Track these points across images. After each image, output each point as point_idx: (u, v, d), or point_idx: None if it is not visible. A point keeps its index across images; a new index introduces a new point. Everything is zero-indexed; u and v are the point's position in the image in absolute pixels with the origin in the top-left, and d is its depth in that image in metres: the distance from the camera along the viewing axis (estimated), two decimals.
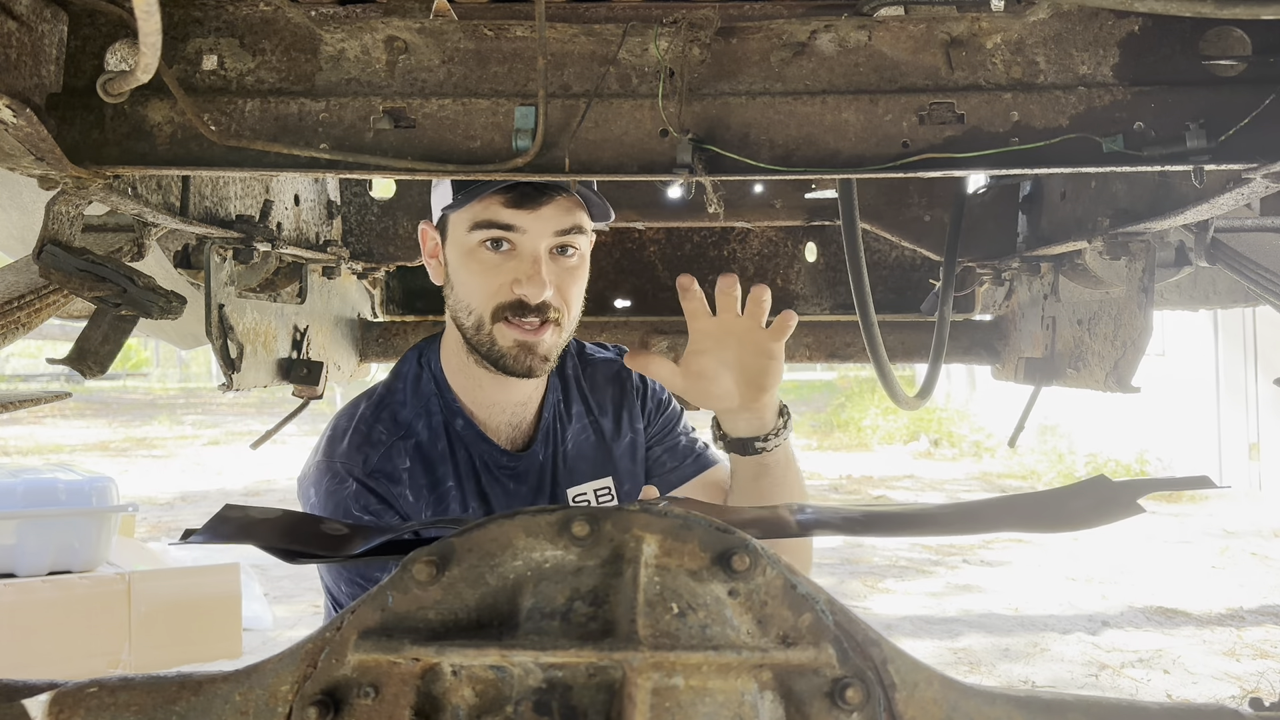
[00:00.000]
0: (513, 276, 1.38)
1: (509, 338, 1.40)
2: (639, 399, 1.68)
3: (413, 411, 1.50)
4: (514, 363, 1.41)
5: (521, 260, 1.38)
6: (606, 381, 1.67)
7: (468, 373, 1.49)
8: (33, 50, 1.00)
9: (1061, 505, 0.88)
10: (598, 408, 1.64)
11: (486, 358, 1.42)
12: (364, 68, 1.10)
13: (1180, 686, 4.31)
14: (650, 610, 0.67)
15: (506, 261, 1.39)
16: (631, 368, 1.40)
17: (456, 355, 1.50)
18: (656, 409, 1.71)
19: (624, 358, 1.45)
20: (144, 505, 7.80)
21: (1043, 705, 0.69)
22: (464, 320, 1.43)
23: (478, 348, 1.43)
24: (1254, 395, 8.90)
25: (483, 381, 1.49)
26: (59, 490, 4.27)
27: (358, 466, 1.42)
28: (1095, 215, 1.59)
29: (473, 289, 1.41)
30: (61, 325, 5.01)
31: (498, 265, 1.39)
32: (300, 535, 0.88)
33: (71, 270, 1.11)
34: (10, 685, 0.71)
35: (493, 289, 1.39)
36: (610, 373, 1.69)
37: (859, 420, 14.77)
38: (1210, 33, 1.06)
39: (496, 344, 1.41)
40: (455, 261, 1.44)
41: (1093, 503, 0.86)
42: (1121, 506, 0.84)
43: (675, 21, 1.04)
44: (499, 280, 1.39)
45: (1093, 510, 0.85)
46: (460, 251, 1.42)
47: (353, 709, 0.66)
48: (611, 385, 1.67)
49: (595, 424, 1.63)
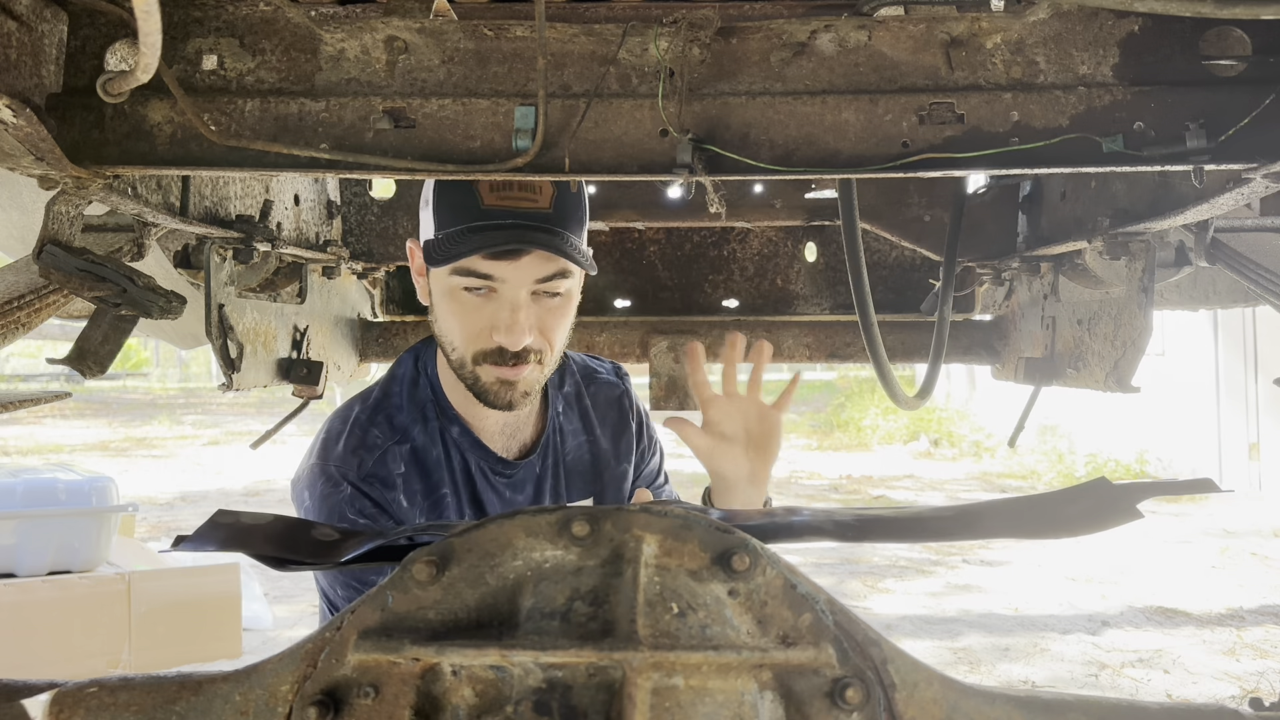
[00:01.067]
0: (491, 323, 1.35)
1: (491, 375, 1.39)
2: (635, 431, 1.70)
3: (409, 416, 1.49)
4: (495, 398, 1.40)
5: (500, 306, 1.35)
6: (608, 405, 1.68)
7: (459, 388, 1.48)
8: (33, 50, 1.00)
9: (1060, 510, 0.86)
10: (599, 429, 1.65)
11: (470, 390, 1.42)
12: (364, 68, 1.10)
13: (1180, 686, 4.31)
14: (650, 610, 0.67)
15: (486, 304, 1.36)
16: (673, 429, 1.52)
17: (447, 366, 1.49)
18: (649, 445, 1.73)
19: (665, 423, 1.53)
20: (144, 505, 7.80)
21: (1043, 705, 0.69)
22: (448, 352, 1.42)
23: (462, 379, 1.42)
24: (1254, 395, 8.90)
25: (472, 398, 1.49)
26: (59, 490, 4.27)
27: (352, 470, 1.41)
28: (1095, 215, 1.59)
29: (453, 330, 1.39)
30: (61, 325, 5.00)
31: (478, 308, 1.36)
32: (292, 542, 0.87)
33: (71, 270, 1.11)
34: (10, 685, 0.71)
35: (473, 333, 1.37)
36: (613, 396, 1.69)
37: (859, 420, 14.77)
38: (1210, 33, 1.06)
39: (480, 380, 1.40)
40: (438, 295, 1.41)
41: (1092, 507, 0.85)
42: (1121, 512, 0.83)
43: (675, 21, 1.04)
44: (479, 325, 1.37)
45: (1092, 515, 0.84)
46: (442, 290, 1.39)
47: (353, 709, 0.66)
48: (613, 410, 1.68)
49: (593, 443, 1.64)
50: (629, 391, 1.72)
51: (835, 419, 15.61)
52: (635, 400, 1.72)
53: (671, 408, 2.11)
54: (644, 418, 1.73)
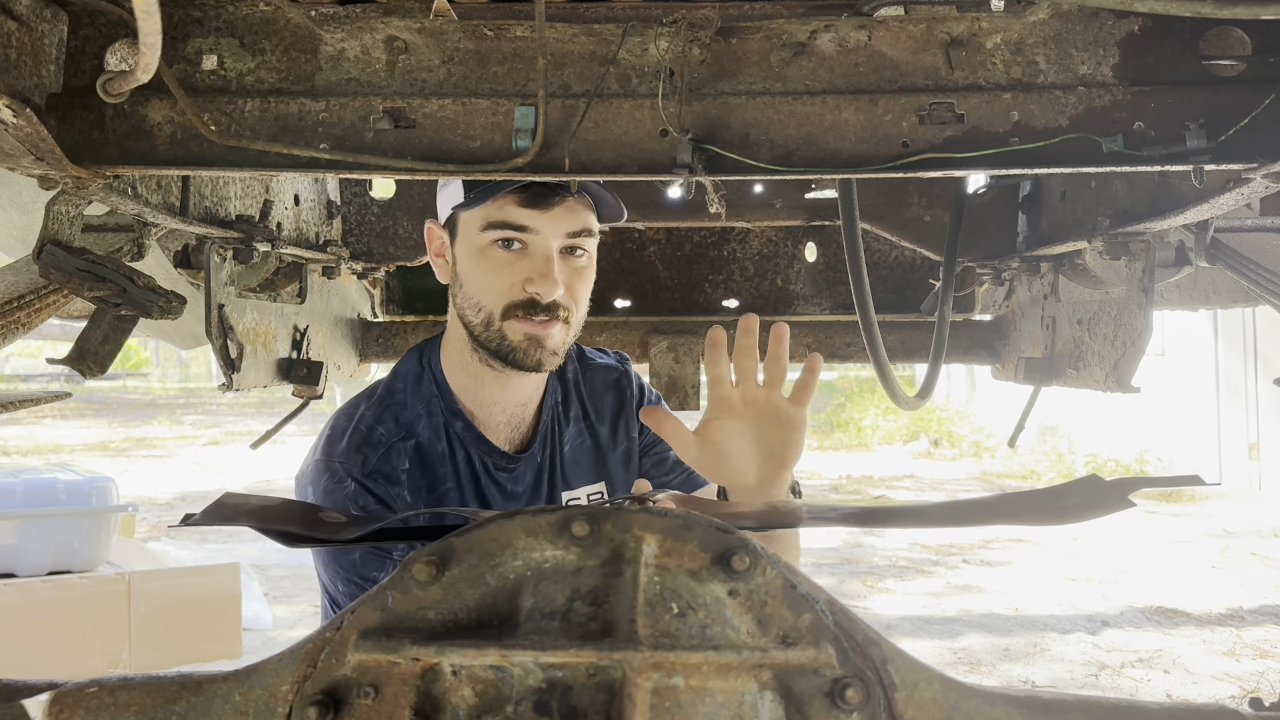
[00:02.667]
0: (524, 275, 1.39)
1: (519, 332, 1.41)
2: (635, 404, 1.69)
3: (414, 412, 1.50)
4: (524, 356, 1.42)
5: (534, 259, 1.39)
6: (605, 388, 1.68)
7: (470, 371, 1.50)
8: (33, 50, 1.00)
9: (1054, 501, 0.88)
10: (595, 414, 1.65)
11: (495, 353, 1.43)
12: (364, 68, 1.11)
13: (1180, 686, 4.31)
14: (650, 610, 0.67)
15: (518, 260, 1.40)
16: (645, 423, 1.34)
17: (459, 354, 1.50)
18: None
19: (640, 414, 1.42)
20: (144, 505, 7.80)
21: (1043, 705, 0.69)
22: (472, 317, 1.43)
23: (486, 344, 1.43)
24: (1254, 395, 8.90)
25: (485, 380, 1.49)
26: (59, 490, 4.27)
27: (356, 467, 1.42)
28: (1095, 215, 1.59)
29: (484, 286, 1.41)
30: (61, 325, 5.01)
31: (510, 264, 1.40)
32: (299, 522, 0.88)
33: (71, 270, 1.11)
34: (10, 685, 0.71)
35: (504, 287, 1.40)
36: (610, 379, 1.69)
37: (859, 420, 14.77)
38: (1210, 33, 1.06)
39: (506, 338, 1.41)
40: (465, 259, 1.44)
41: (1084, 499, 0.87)
42: (1112, 502, 0.85)
43: (675, 21, 1.04)
44: (511, 279, 1.40)
45: (1084, 506, 0.86)
46: (471, 249, 1.42)
47: (353, 709, 0.66)
48: (610, 392, 1.68)
49: (592, 429, 1.64)
50: (628, 373, 1.72)
51: (835, 419, 15.61)
52: (637, 381, 1.72)
53: (672, 407, 2.11)
54: (646, 392, 1.72)
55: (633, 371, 1.73)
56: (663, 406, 1.43)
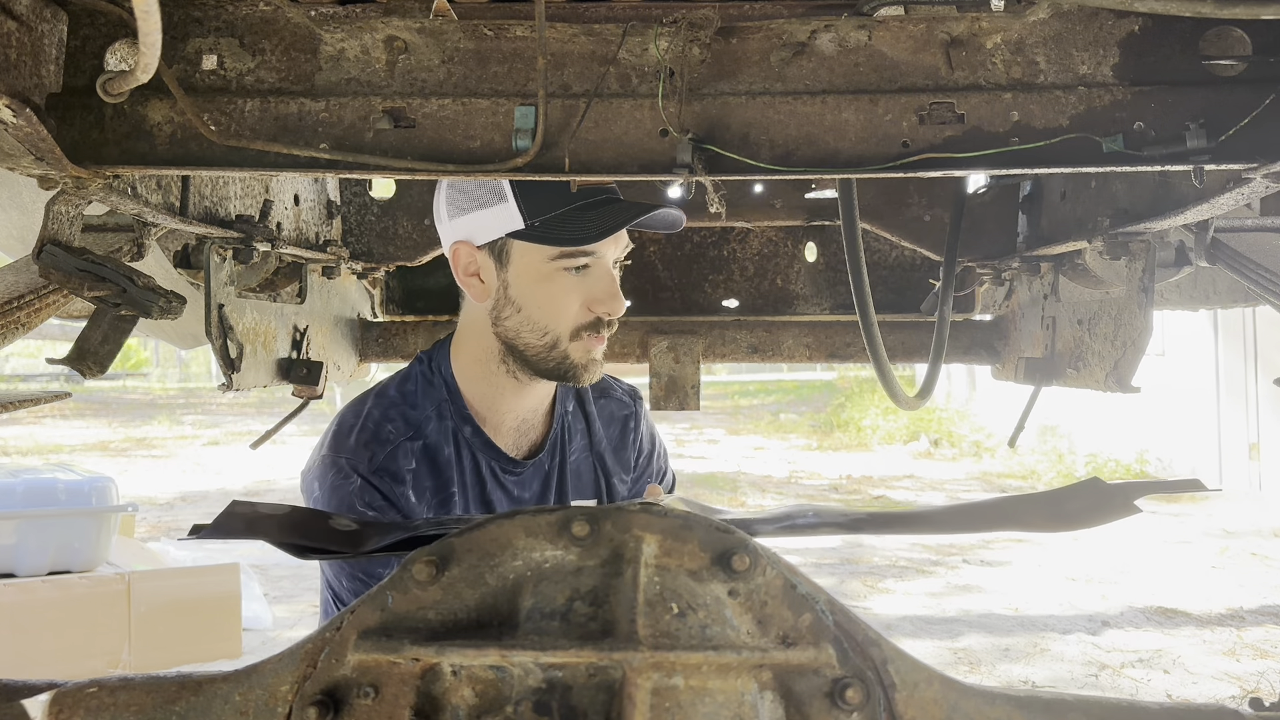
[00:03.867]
0: (589, 295, 1.43)
1: (582, 352, 1.45)
2: (638, 454, 1.73)
3: (423, 413, 1.50)
4: (583, 373, 1.46)
5: (598, 280, 1.43)
6: (612, 421, 1.71)
7: (492, 381, 1.50)
8: (32, 50, 1.00)
9: (1057, 506, 0.89)
10: (600, 438, 1.67)
11: (552, 372, 1.46)
12: (364, 68, 1.10)
13: (1180, 686, 4.31)
14: (650, 610, 0.67)
15: (582, 282, 1.43)
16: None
17: (481, 364, 1.50)
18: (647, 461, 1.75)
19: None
20: (144, 505, 7.80)
21: (1043, 705, 0.69)
22: (534, 340, 1.44)
23: (543, 364, 1.45)
24: (1254, 395, 8.90)
25: (505, 389, 1.51)
26: (59, 490, 4.27)
27: (363, 463, 1.43)
28: (1095, 215, 1.59)
29: (553, 312, 1.43)
30: (61, 325, 5.01)
31: (575, 286, 1.43)
32: (308, 531, 0.88)
33: (71, 270, 1.11)
34: (10, 685, 0.71)
35: (574, 310, 1.43)
36: (619, 414, 1.72)
37: (859, 420, 14.77)
38: (1210, 33, 1.06)
39: (570, 359, 1.45)
40: (527, 286, 1.44)
41: (1088, 504, 0.87)
42: (1116, 507, 0.86)
43: (675, 21, 1.04)
44: (579, 302, 1.43)
45: (1088, 511, 0.86)
46: (536, 276, 1.43)
47: (353, 709, 0.66)
48: (617, 425, 1.71)
49: (594, 451, 1.66)
50: (637, 414, 1.74)
51: (835, 419, 15.61)
52: (646, 426, 1.75)
53: (672, 408, 2.11)
54: (651, 445, 1.75)
55: (642, 413, 1.76)
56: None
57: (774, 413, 18.05)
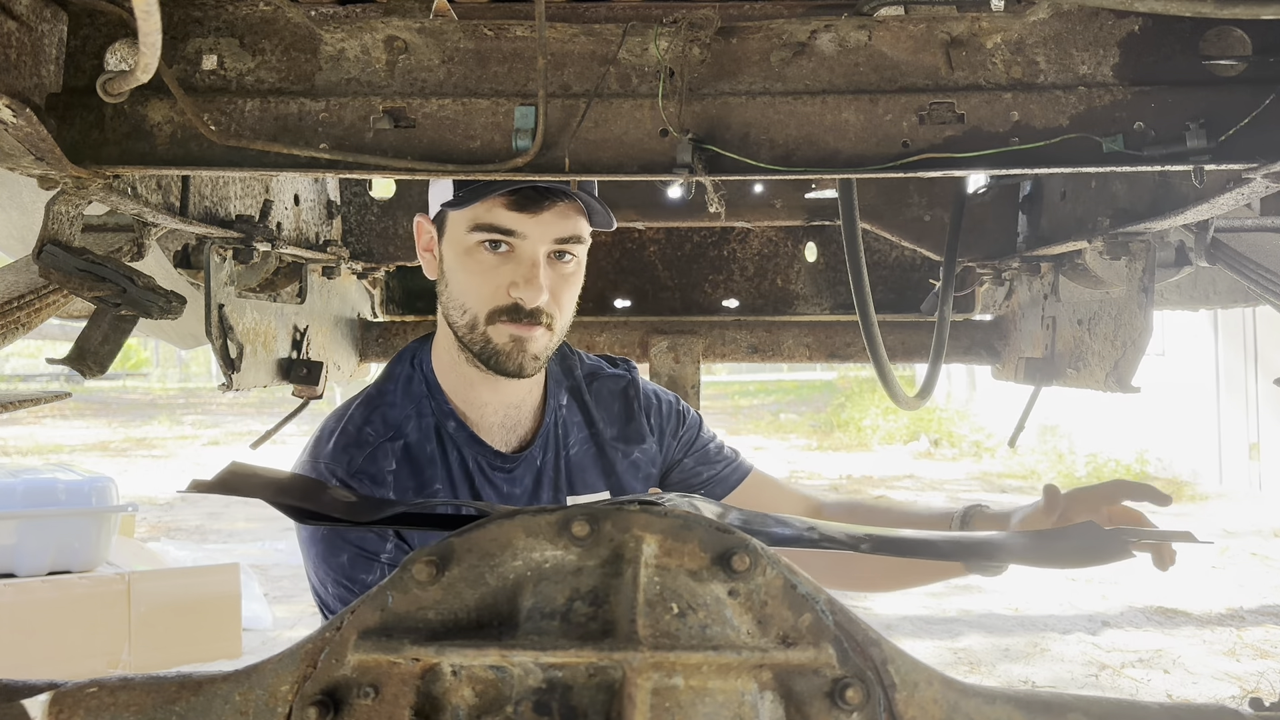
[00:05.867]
0: (509, 279, 1.38)
1: (504, 335, 1.40)
2: (646, 416, 1.68)
3: (403, 413, 1.49)
4: (507, 360, 1.41)
5: (519, 264, 1.38)
6: (612, 397, 1.67)
7: (459, 371, 1.49)
8: (33, 50, 1.00)
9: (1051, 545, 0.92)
10: (602, 421, 1.64)
11: (479, 356, 1.42)
12: (364, 68, 1.10)
13: (1180, 686, 4.31)
14: (650, 610, 0.67)
15: (504, 264, 1.38)
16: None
17: (448, 353, 1.49)
18: (674, 422, 1.69)
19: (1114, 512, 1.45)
20: (144, 505, 7.80)
21: (1043, 705, 0.69)
22: (458, 319, 1.42)
23: (470, 346, 1.42)
24: (1254, 395, 8.91)
25: (474, 381, 1.49)
26: (59, 490, 4.27)
27: (341, 467, 1.42)
28: (1095, 215, 1.59)
29: (468, 289, 1.40)
30: (61, 325, 5.01)
31: (495, 267, 1.38)
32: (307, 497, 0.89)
33: (71, 270, 1.11)
34: (10, 685, 0.71)
35: (489, 291, 1.39)
36: (617, 389, 1.68)
37: (859, 420, 14.77)
38: (1210, 33, 1.06)
39: (491, 342, 1.40)
40: (451, 259, 1.43)
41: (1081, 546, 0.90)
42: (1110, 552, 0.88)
43: (675, 21, 1.04)
44: (496, 282, 1.38)
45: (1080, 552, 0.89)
46: (457, 250, 1.41)
47: (353, 709, 0.66)
48: (617, 401, 1.67)
49: (598, 437, 1.62)
50: (635, 381, 1.70)
51: (835, 419, 15.61)
52: (645, 389, 1.70)
53: None
54: (657, 399, 1.70)
55: (640, 379, 1.71)
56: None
57: (774, 413, 18.05)
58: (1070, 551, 0.89)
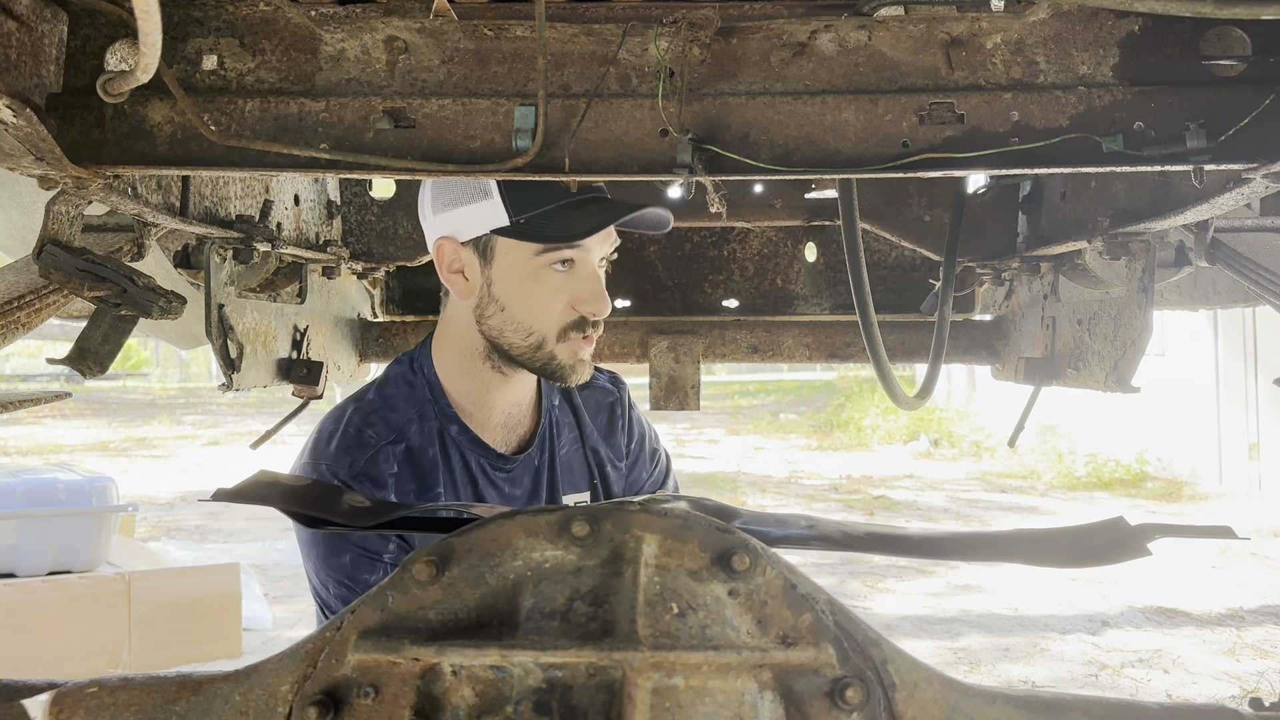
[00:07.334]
0: (573, 295, 1.42)
1: (569, 352, 1.43)
2: (627, 439, 1.72)
3: (405, 416, 1.49)
4: (571, 374, 1.45)
5: (583, 279, 1.42)
6: (599, 408, 1.71)
7: (476, 376, 1.50)
8: (33, 50, 1.00)
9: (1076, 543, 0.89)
10: (588, 428, 1.67)
11: (542, 371, 1.45)
12: (364, 68, 1.10)
13: (1180, 686, 4.31)
14: (650, 610, 0.67)
15: (568, 281, 1.42)
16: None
17: (465, 360, 1.50)
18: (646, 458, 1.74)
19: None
20: (144, 505, 7.80)
21: (1043, 705, 0.69)
22: (518, 340, 1.43)
23: (531, 363, 1.44)
24: (1254, 395, 8.90)
25: (490, 383, 1.50)
26: (59, 490, 4.27)
27: (343, 469, 1.42)
28: (1095, 215, 1.59)
29: (537, 312, 1.42)
30: (61, 325, 5.01)
31: (561, 285, 1.42)
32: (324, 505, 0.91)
33: (71, 270, 1.11)
34: (10, 685, 0.71)
35: (559, 309, 1.42)
36: (604, 402, 1.72)
37: (859, 420, 14.77)
38: (1210, 33, 1.06)
39: (557, 359, 1.43)
40: (510, 285, 1.42)
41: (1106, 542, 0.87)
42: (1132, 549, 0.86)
43: (675, 21, 1.04)
44: (563, 300, 1.42)
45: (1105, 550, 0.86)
46: (519, 274, 1.41)
47: (353, 709, 0.66)
48: (603, 413, 1.71)
49: (584, 441, 1.66)
50: (622, 400, 1.74)
51: (835, 419, 15.61)
52: (631, 411, 1.74)
53: (672, 408, 2.11)
54: (640, 429, 1.74)
55: (627, 399, 1.75)
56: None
57: (774, 413, 18.05)
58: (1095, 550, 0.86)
